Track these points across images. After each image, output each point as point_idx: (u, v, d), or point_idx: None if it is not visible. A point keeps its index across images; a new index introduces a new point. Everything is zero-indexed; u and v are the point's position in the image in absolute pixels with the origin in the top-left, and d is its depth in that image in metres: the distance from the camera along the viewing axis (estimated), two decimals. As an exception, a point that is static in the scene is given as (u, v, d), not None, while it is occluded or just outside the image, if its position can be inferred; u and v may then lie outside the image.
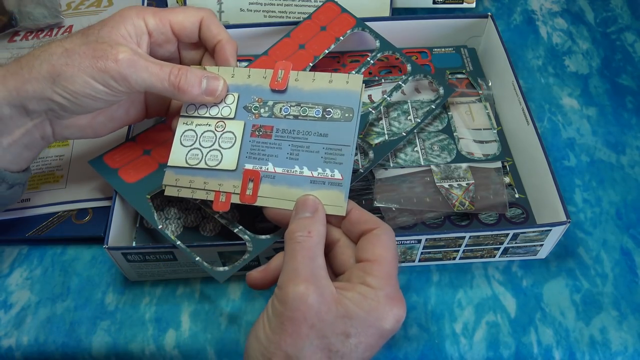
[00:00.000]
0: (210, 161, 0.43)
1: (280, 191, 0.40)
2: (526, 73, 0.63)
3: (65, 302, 0.48)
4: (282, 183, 0.41)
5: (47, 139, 0.43)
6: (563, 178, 0.54)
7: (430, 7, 0.66)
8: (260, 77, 0.44)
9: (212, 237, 0.49)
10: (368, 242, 0.37)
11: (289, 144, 0.41)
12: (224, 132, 0.43)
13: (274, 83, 0.43)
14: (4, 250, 0.51)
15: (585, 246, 0.50)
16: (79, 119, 0.42)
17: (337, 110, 0.42)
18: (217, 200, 0.43)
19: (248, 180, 0.41)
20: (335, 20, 0.56)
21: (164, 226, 0.48)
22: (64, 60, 0.39)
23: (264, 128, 0.42)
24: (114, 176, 0.47)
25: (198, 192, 0.43)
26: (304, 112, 0.42)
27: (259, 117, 0.43)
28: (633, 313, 0.46)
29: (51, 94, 0.39)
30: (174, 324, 0.46)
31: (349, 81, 0.42)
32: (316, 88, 0.43)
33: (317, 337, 0.33)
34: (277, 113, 0.43)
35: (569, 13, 0.69)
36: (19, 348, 0.46)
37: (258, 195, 0.41)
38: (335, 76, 0.43)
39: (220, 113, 0.44)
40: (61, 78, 0.39)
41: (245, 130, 0.43)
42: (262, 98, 0.43)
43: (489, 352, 0.45)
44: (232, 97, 0.44)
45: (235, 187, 0.41)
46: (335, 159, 0.41)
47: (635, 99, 0.61)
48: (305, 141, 0.41)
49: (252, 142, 0.42)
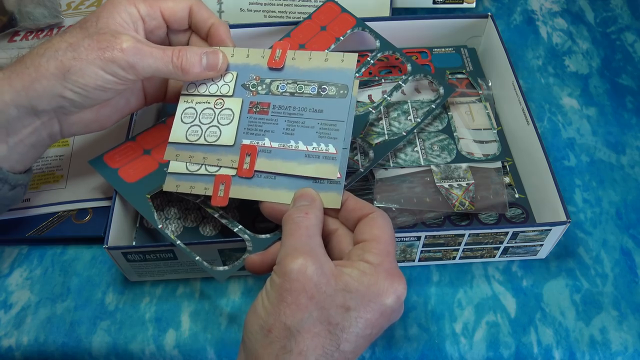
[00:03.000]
0: (209, 137, 0.44)
1: (276, 164, 0.42)
2: (526, 73, 0.63)
3: (65, 302, 0.48)
4: (277, 157, 0.42)
5: (54, 137, 0.43)
6: (563, 178, 0.54)
7: (430, 7, 0.66)
8: (259, 57, 0.45)
9: (212, 237, 0.49)
10: (365, 225, 0.37)
11: (285, 119, 0.43)
12: (223, 109, 0.44)
13: (272, 62, 0.44)
14: (4, 250, 0.51)
15: (585, 246, 0.50)
16: (85, 113, 0.43)
17: (332, 87, 0.43)
18: (216, 195, 0.43)
19: (245, 155, 0.42)
20: (335, 20, 0.56)
21: (164, 226, 0.48)
22: (71, 54, 0.39)
23: (261, 105, 0.43)
24: (114, 176, 0.47)
25: (197, 187, 0.44)
26: (300, 89, 0.43)
27: (257, 94, 0.44)
28: (633, 313, 0.46)
29: (62, 90, 0.39)
30: (174, 324, 0.46)
31: (344, 59, 0.43)
32: (312, 66, 0.44)
33: (316, 309, 0.33)
34: (274, 90, 0.44)
35: (569, 13, 0.70)
36: (19, 348, 0.46)
37: (255, 170, 0.42)
38: (331, 55, 0.44)
39: (219, 91, 0.45)
40: (71, 73, 0.39)
41: (243, 107, 0.44)
42: (260, 76, 0.44)
43: (489, 352, 0.45)
44: (230, 75, 0.45)
45: (233, 161, 0.43)
46: (330, 134, 0.42)
47: (635, 99, 0.61)
48: (301, 117, 0.42)
49: (250, 118, 0.43)
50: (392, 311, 0.34)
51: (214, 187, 0.44)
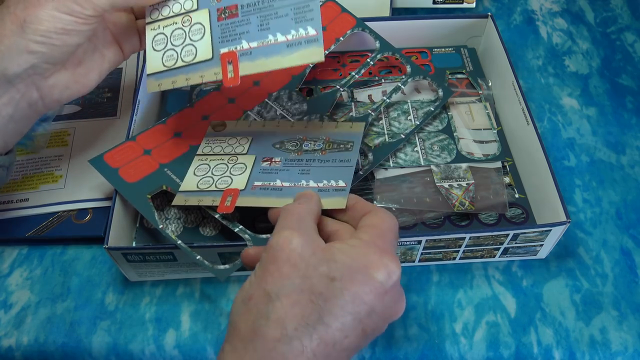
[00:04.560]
0: (186, 57, 0.42)
1: (259, 64, 0.40)
2: (526, 73, 0.63)
3: (65, 302, 0.48)
4: (259, 56, 0.41)
5: (35, 107, 0.42)
6: (563, 178, 0.54)
7: (430, 7, 0.66)
8: None
9: (212, 237, 0.49)
10: (366, 217, 0.36)
11: (257, 16, 0.41)
12: (192, 25, 0.43)
13: None
14: (4, 250, 0.51)
15: (585, 246, 0.50)
16: (62, 74, 0.41)
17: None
18: (222, 205, 0.43)
19: (227, 63, 0.41)
20: (335, 20, 0.56)
21: (164, 226, 0.48)
22: (22, 5, 0.38)
23: (228, 9, 0.42)
24: (114, 176, 0.47)
25: (205, 200, 0.44)
26: None
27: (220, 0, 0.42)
28: (633, 313, 0.46)
29: (26, 43, 0.38)
30: (174, 324, 0.46)
31: None
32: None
33: (298, 277, 0.31)
34: None
35: (569, 13, 0.70)
36: (19, 348, 0.46)
37: (240, 75, 0.41)
38: None
39: (183, 8, 0.43)
40: (27, 23, 0.38)
41: (211, 17, 0.43)
42: None
43: (489, 352, 0.45)
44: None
45: (217, 74, 0.41)
46: (305, 16, 0.40)
47: (635, 99, 0.61)
48: (272, 8, 0.41)
49: (221, 25, 0.42)
50: (384, 291, 0.32)
51: (222, 198, 0.44)
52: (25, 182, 0.53)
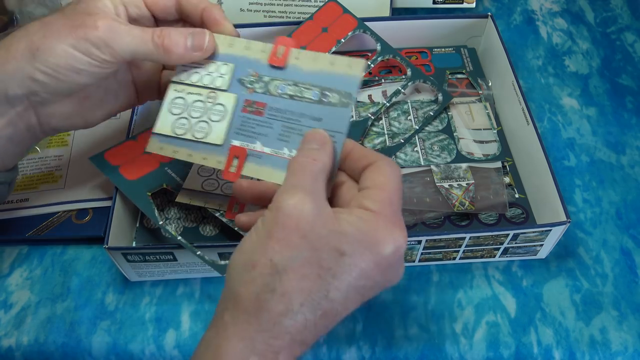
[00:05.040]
0: (197, 133, 0.41)
1: (265, 172, 0.39)
2: (526, 73, 0.63)
3: (65, 302, 0.48)
4: (267, 164, 0.39)
5: (34, 132, 0.41)
6: (563, 178, 0.54)
7: (430, 7, 0.66)
8: (259, 51, 0.41)
9: (212, 237, 0.49)
10: (369, 173, 0.34)
11: (281, 124, 0.39)
12: (215, 104, 0.41)
13: (273, 58, 0.40)
14: (4, 250, 0.51)
15: (585, 246, 0.50)
16: (65, 104, 0.40)
17: (335, 95, 0.39)
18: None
19: (233, 157, 0.39)
20: (337, 22, 0.56)
21: (164, 223, 0.48)
22: (42, 33, 0.37)
23: (257, 104, 0.40)
24: (114, 173, 0.47)
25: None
26: (301, 92, 0.39)
27: (253, 92, 0.40)
28: (633, 313, 0.46)
29: (31, 70, 0.37)
30: (174, 324, 0.46)
31: (351, 65, 0.39)
32: (316, 69, 0.40)
33: (307, 249, 0.30)
34: (272, 90, 0.40)
35: (569, 13, 0.70)
36: (19, 348, 0.46)
37: (241, 174, 0.39)
38: (338, 58, 0.39)
39: (213, 83, 0.41)
40: (40, 51, 0.37)
41: (237, 105, 0.40)
42: (258, 73, 0.41)
43: (489, 352, 0.45)
44: (226, 67, 0.41)
45: (220, 162, 0.40)
46: None
47: (635, 99, 0.61)
48: (298, 123, 0.39)
49: (243, 117, 0.40)
50: (388, 264, 0.32)
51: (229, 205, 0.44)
52: (25, 182, 0.53)
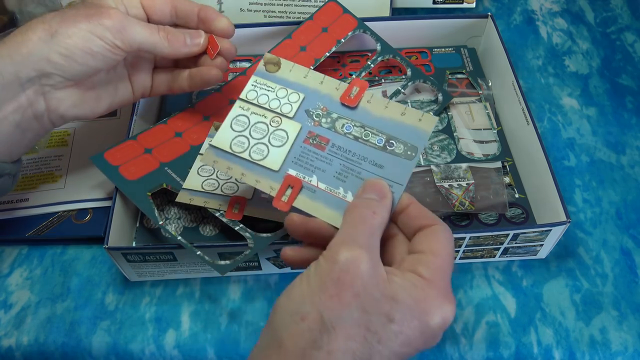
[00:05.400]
0: (254, 154, 0.40)
1: (316, 208, 0.37)
2: (526, 73, 0.63)
3: (65, 302, 0.48)
4: (320, 200, 0.38)
5: (41, 120, 0.42)
6: (563, 178, 0.54)
7: (430, 7, 0.66)
8: (333, 87, 0.41)
9: (212, 236, 0.49)
10: (424, 236, 0.34)
11: (341, 162, 0.38)
12: (278, 128, 0.40)
13: (346, 97, 0.40)
14: (4, 250, 0.51)
15: (585, 246, 0.50)
16: (72, 92, 0.42)
17: (401, 145, 0.38)
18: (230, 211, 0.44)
19: (287, 187, 0.38)
20: (336, 22, 0.56)
21: (164, 223, 0.48)
22: (59, 18, 0.40)
23: (320, 138, 0.40)
24: (114, 173, 0.47)
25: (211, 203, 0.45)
26: (366, 136, 0.39)
27: (318, 125, 0.40)
28: (633, 313, 0.46)
29: (48, 52, 0.39)
30: (174, 324, 0.46)
31: (422, 119, 0.39)
32: (385, 116, 0.39)
33: (358, 310, 0.30)
34: (338, 128, 0.40)
35: (569, 13, 0.70)
36: (19, 348, 0.46)
37: (291, 204, 0.38)
38: (409, 110, 0.39)
39: (280, 108, 0.41)
40: (59, 34, 0.39)
41: (299, 134, 0.40)
42: (327, 108, 0.40)
43: (489, 352, 0.45)
44: (297, 96, 0.41)
45: (273, 189, 0.39)
46: None
47: (635, 99, 0.61)
48: (359, 166, 0.38)
49: (303, 148, 0.39)
50: (432, 334, 0.31)
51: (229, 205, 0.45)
52: (25, 182, 0.53)
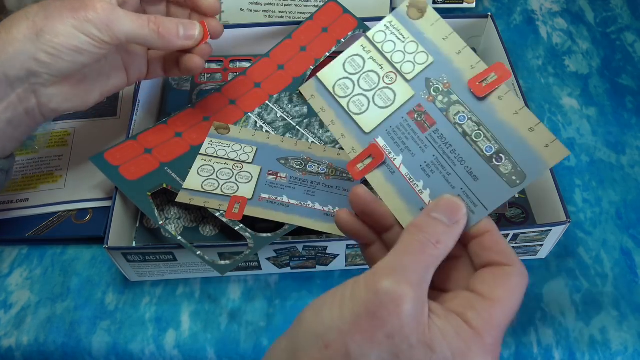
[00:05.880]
0: (353, 105, 0.38)
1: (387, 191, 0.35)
2: (526, 73, 0.63)
3: (65, 302, 0.48)
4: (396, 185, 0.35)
5: (33, 115, 0.42)
6: (563, 178, 0.54)
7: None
8: (468, 64, 0.36)
9: (212, 237, 0.49)
10: (492, 277, 0.30)
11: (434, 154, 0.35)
12: (388, 87, 0.38)
13: (475, 83, 0.35)
14: (4, 250, 0.51)
15: (585, 246, 0.50)
16: (63, 86, 0.41)
17: (509, 165, 0.33)
18: (230, 211, 0.45)
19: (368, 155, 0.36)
20: (336, 22, 0.56)
21: (164, 223, 0.48)
22: (43, 14, 0.38)
23: (426, 117, 0.36)
24: (114, 173, 0.47)
25: (211, 203, 0.46)
26: (477, 137, 0.34)
27: (432, 101, 0.36)
28: (633, 313, 0.46)
29: (35, 51, 0.38)
30: (174, 324, 0.46)
31: (549, 146, 0.32)
32: (511, 122, 0.33)
33: (389, 352, 0.27)
34: (451, 114, 0.35)
35: (569, 13, 0.70)
36: (19, 348, 0.46)
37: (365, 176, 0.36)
38: (541, 128, 0.33)
39: (401, 65, 0.38)
40: (44, 32, 0.38)
41: (408, 103, 0.37)
42: (451, 85, 0.36)
43: (489, 352, 0.45)
44: (425, 57, 0.37)
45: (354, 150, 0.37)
46: None
47: (635, 99, 0.61)
48: (452, 166, 0.34)
49: (404, 120, 0.36)
50: None
51: (229, 204, 0.45)
52: (25, 182, 0.53)
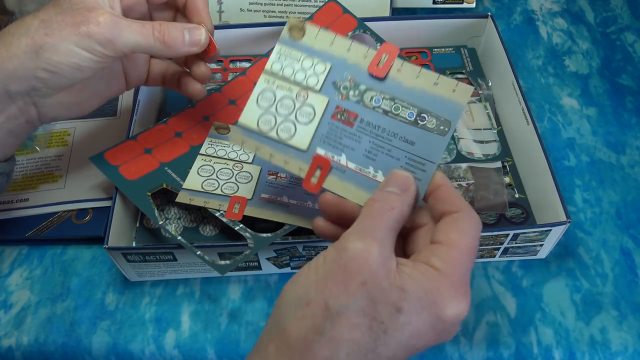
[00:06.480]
0: (282, 132, 0.38)
1: (347, 189, 0.37)
2: (526, 73, 0.63)
3: (65, 302, 0.48)
4: (350, 181, 0.37)
5: (33, 123, 0.42)
6: (563, 178, 0.54)
7: (430, 7, 0.66)
8: (361, 56, 0.38)
9: (212, 237, 0.49)
10: (445, 224, 0.33)
11: (370, 140, 0.37)
12: (305, 104, 0.38)
13: (373, 67, 0.37)
14: (4, 250, 0.51)
15: (585, 246, 0.50)
16: (63, 95, 0.41)
17: (433, 119, 0.36)
18: (230, 211, 0.44)
19: (316, 167, 0.37)
20: (336, 22, 0.56)
21: (164, 223, 0.48)
22: (43, 31, 0.37)
23: (348, 113, 0.37)
24: (114, 173, 0.47)
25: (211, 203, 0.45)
26: (396, 109, 0.37)
27: (346, 99, 0.38)
28: (633, 313, 0.46)
29: (35, 70, 0.38)
30: (174, 324, 0.46)
31: (456, 90, 0.36)
32: (417, 86, 0.37)
33: (365, 298, 0.29)
34: (367, 101, 0.37)
35: (569, 13, 0.70)
36: (19, 348, 0.46)
37: (321, 186, 0.37)
38: (443, 79, 0.37)
39: (306, 81, 0.38)
40: (44, 50, 0.37)
41: (327, 109, 0.38)
42: (355, 78, 0.38)
43: (489, 352, 0.45)
44: (323, 66, 0.38)
45: (302, 170, 0.38)
46: (415, 173, 0.35)
47: (635, 99, 0.61)
48: (389, 143, 0.37)
49: (331, 125, 0.38)
50: (443, 328, 0.30)
51: (229, 204, 0.45)
52: (25, 182, 0.53)
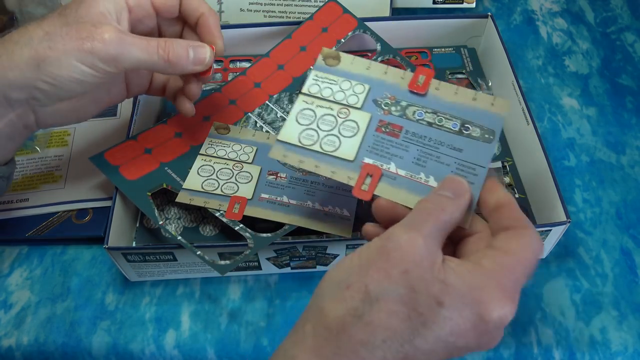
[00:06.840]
0: (326, 145, 0.39)
1: (399, 194, 0.36)
2: (526, 73, 0.63)
3: (65, 302, 0.48)
4: (402, 187, 0.37)
5: (30, 128, 0.42)
6: (563, 178, 0.54)
7: (430, 7, 0.66)
8: (398, 77, 0.40)
9: (212, 237, 0.49)
10: (506, 235, 0.32)
11: (418, 148, 0.37)
12: (347, 119, 0.39)
13: (414, 85, 0.39)
14: (4, 250, 0.51)
15: (585, 246, 0.50)
16: (62, 105, 0.40)
17: (477, 129, 0.37)
18: (230, 211, 0.44)
19: (366, 175, 0.37)
20: (336, 22, 0.56)
21: (164, 223, 0.48)
22: (46, 43, 0.37)
23: (392, 126, 0.39)
24: (114, 173, 0.47)
25: (212, 202, 0.45)
26: (440, 121, 0.38)
27: (389, 114, 0.39)
28: (633, 313, 0.46)
29: (35, 81, 0.37)
30: (174, 324, 0.46)
31: (494, 104, 0.38)
32: (457, 102, 0.38)
33: (405, 287, 0.28)
34: (410, 115, 0.39)
35: (569, 13, 0.70)
36: (19, 348, 0.46)
37: (373, 193, 0.37)
38: (481, 95, 0.38)
39: (346, 100, 0.40)
40: (46, 63, 0.37)
41: (370, 123, 0.39)
42: (396, 96, 0.39)
43: (489, 352, 0.45)
44: (362, 87, 0.40)
45: (351, 178, 0.38)
46: (467, 178, 0.36)
47: (635, 99, 0.61)
48: (436, 150, 0.37)
49: (376, 137, 0.38)
50: (486, 330, 0.29)
51: (229, 204, 0.45)
52: (25, 182, 0.53)
